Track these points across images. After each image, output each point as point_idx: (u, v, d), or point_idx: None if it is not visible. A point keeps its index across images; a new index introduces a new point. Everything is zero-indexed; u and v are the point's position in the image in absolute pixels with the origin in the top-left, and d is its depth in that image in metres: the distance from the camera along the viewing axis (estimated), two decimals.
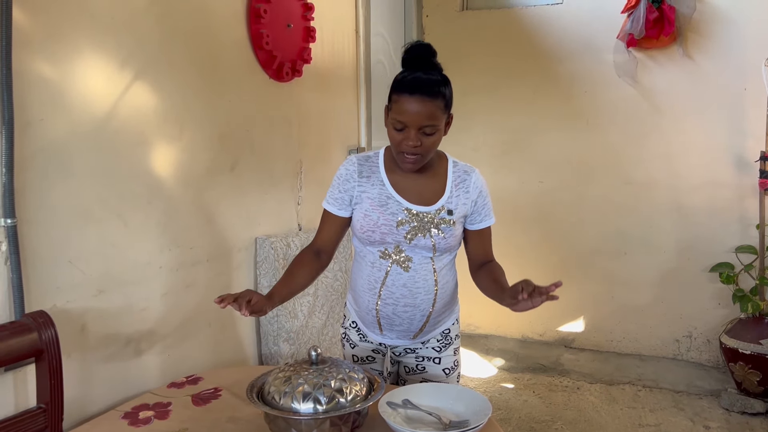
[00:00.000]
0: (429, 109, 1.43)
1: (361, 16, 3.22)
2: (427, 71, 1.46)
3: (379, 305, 1.59)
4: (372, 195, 1.56)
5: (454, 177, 1.58)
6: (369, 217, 1.55)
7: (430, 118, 1.43)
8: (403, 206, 1.54)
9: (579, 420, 2.94)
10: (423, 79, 1.43)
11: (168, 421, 1.48)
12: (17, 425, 1.41)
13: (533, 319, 4.04)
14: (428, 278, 1.56)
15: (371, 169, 1.59)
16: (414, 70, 1.46)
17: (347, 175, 1.59)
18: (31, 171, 1.51)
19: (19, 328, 1.41)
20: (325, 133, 2.93)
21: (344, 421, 1.25)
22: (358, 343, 1.72)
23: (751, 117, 3.39)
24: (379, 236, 1.54)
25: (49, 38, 1.55)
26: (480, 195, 1.60)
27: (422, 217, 1.53)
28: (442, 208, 1.54)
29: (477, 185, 1.59)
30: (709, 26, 3.47)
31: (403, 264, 1.54)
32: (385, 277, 1.56)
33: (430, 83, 1.43)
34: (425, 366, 1.68)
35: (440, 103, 1.45)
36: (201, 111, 2.11)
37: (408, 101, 1.42)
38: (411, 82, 1.43)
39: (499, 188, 3.98)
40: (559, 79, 3.83)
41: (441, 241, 1.53)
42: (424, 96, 1.42)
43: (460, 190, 1.57)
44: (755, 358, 2.92)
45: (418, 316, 1.58)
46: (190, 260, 2.07)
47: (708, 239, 3.56)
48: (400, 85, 1.45)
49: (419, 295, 1.56)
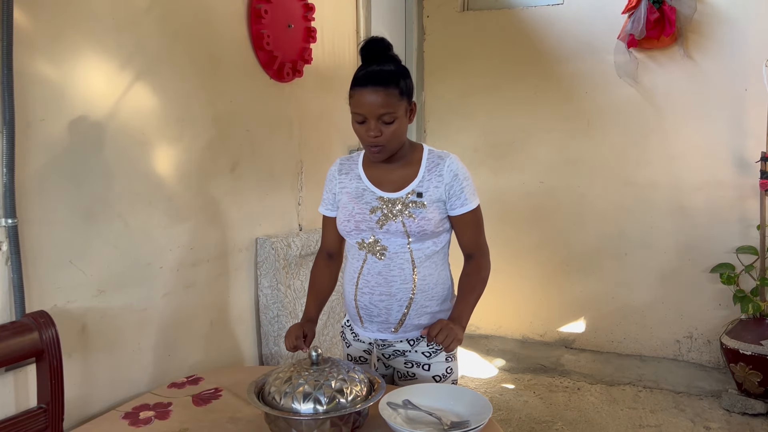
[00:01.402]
0: (384, 98, 1.47)
1: (361, 16, 3.22)
2: (381, 63, 1.50)
3: (357, 295, 1.63)
4: (350, 189, 1.64)
5: (428, 163, 1.60)
6: (346, 209, 1.62)
7: (385, 107, 1.47)
8: (376, 195, 1.60)
9: (579, 420, 2.94)
10: (375, 70, 1.48)
11: (168, 421, 1.48)
12: (18, 425, 1.41)
13: (534, 320, 4.05)
14: (405, 267, 1.57)
15: (350, 166, 1.68)
16: (370, 64, 1.51)
17: (330, 175, 1.71)
18: (32, 171, 1.51)
19: (19, 328, 1.41)
20: (325, 133, 2.93)
21: (344, 422, 1.25)
22: (351, 342, 1.74)
23: (751, 117, 3.39)
24: (354, 225, 1.59)
25: (50, 38, 1.55)
26: (455, 178, 1.58)
27: (393, 202, 1.57)
28: (412, 191, 1.57)
29: (451, 168, 1.58)
30: (709, 27, 3.48)
31: (378, 253, 1.58)
32: (362, 266, 1.61)
33: (383, 73, 1.48)
34: (415, 372, 1.65)
35: (394, 91, 1.48)
36: (201, 111, 2.11)
37: (362, 93, 1.48)
38: (364, 75, 1.49)
39: (500, 189, 3.99)
40: (560, 79, 3.83)
41: (411, 223, 1.54)
42: (377, 86, 1.47)
43: (432, 174, 1.58)
44: (756, 358, 2.92)
45: (395, 306, 1.59)
46: (191, 260, 2.07)
47: (708, 240, 3.56)
48: (355, 79, 1.51)
49: (395, 283, 1.58)
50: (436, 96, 4.14)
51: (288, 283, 2.47)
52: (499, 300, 3.95)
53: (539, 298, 4.02)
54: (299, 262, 2.56)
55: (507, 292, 4.02)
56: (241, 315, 2.38)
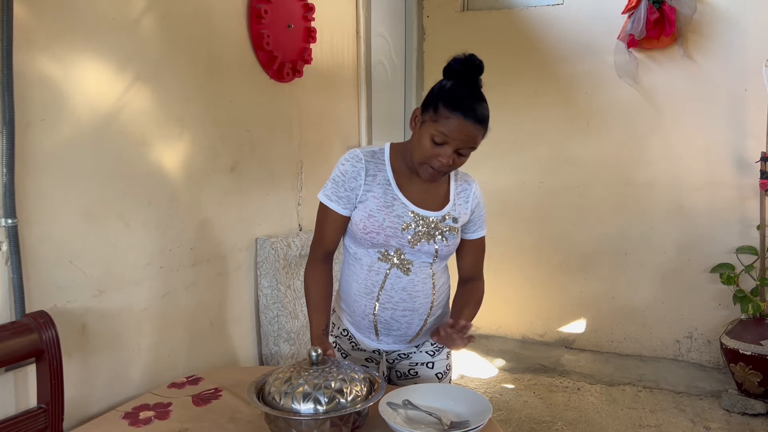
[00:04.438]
0: (475, 135, 1.42)
1: (361, 16, 3.22)
2: (478, 91, 1.44)
3: (378, 310, 1.53)
4: (377, 195, 1.49)
5: (456, 186, 1.58)
6: (374, 218, 1.48)
7: (473, 142, 1.43)
8: (409, 209, 1.49)
9: (579, 421, 2.94)
10: (483, 106, 1.43)
11: (168, 421, 1.48)
12: (18, 425, 1.41)
13: (533, 320, 4.05)
14: (427, 282, 1.54)
15: (377, 167, 1.51)
16: (464, 84, 1.44)
17: (354, 172, 1.49)
18: (32, 171, 1.51)
19: (19, 329, 1.41)
20: (325, 133, 2.93)
21: (344, 422, 1.25)
22: (350, 352, 1.65)
23: (751, 117, 3.39)
24: (383, 239, 1.48)
25: (50, 39, 1.55)
26: (478, 206, 1.61)
27: (428, 222, 1.50)
28: (448, 215, 1.53)
29: (477, 194, 1.61)
30: (709, 27, 3.48)
31: (404, 267, 1.51)
32: (384, 280, 1.51)
33: (485, 113, 1.43)
34: (417, 371, 1.65)
35: (485, 131, 1.45)
36: (202, 111, 2.11)
37: (460, 122, 1.39)
38: (469, 105, 1.40)
39: (500, 189, 3.99)
40: (560, 79, 3.83)
41: (444, 248, 1.52)
42: (477, 124, 1.41)
43: (461, 199, 1.57)
44: (756, 358, 2.92)
45: (416, 320, 1.55)
46: (191, 260, 2.07)
47: (708, 240, 3.56)
48: (454, 101, 1.40)
49: (418, 299, 1.53)
50: None
51: (288, 283, 2.47)
52: (499, 300, 3.95)
53: (539, 298, 4.02)
54: (299, 262, 2.56)
55: (507, 292, 4.02)
56: (241, 315, 2.38)
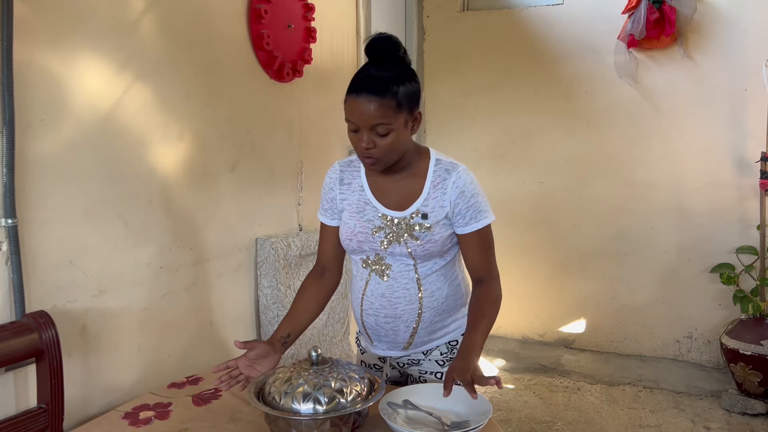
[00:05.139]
0: (378, 108, 1.30)
1: (361, 16, 3.22)
2: (383, 67, 1.34)
3: (363, 316, 1.52)
4: (351, 201, 1.48)
5: (434, 177, 1.44)
6: (347, 225, 1.48)
7: (379, 117, 1.31)
8: (379, 212, 1.45)
9: (579, 421, 2.94)
10: (373, 75, 1.32)
11: (168, 421, 1.48)
12: (18, 425, 1.41)
13: (533, 320, 4.05)
14: (409, 287, 1.46)
15: (352, 174, 1.50)
16: (372, 65, 1.36)
17: (330, 183, 1.52)
18: (31, 171, 1.51)
19: (19, 329, 1.41)
20: (325, 133, 2.93)
21: (344, 422, 1.25)
22: (367, 349, 1.64)
23: (751, 118, 3.39)
24: (357, 244, 1.46)
25: (50, 39, 1.55)
26: (461, 196, 1.43)
27: (397, 222, 1.43)
28: (417, 212, 1.43)
29: (457, 185, 1.42)
30: (709, 27, 3.47)
31: (382, 273, 1.46)
32: (365, 286, 1.49)
33: (380, 80, 1.31)
34: (426, 379, 1.58)
35: (390, 101, 1.31)
36: (202, 111, 2.11)
37: (355, 101, 1.32)
38: (358, 81, 1.34)
39: (500, 189, 3.98)
40: (560, 79, 3.83)
41: (417, 248, 1.42)
42: (371, 94, 1.30)
43: (437, 191, 1.43)
44: (756, 358, 2.92)
45: (401, 327, 1.49)
46: (191, 261, 2.07)
47: (708, 240, 3.56)
48: (350, 83, 1.35)
49: (399, 305, 1.47)
50: (436, 96, 4.14)
51: (288, 284, 2.47)
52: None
53: (539, 298, 4.02)
54: (299, 262, 2.56)
55: (507, 292, 3.96)
56: (241, 315, 2.38)
